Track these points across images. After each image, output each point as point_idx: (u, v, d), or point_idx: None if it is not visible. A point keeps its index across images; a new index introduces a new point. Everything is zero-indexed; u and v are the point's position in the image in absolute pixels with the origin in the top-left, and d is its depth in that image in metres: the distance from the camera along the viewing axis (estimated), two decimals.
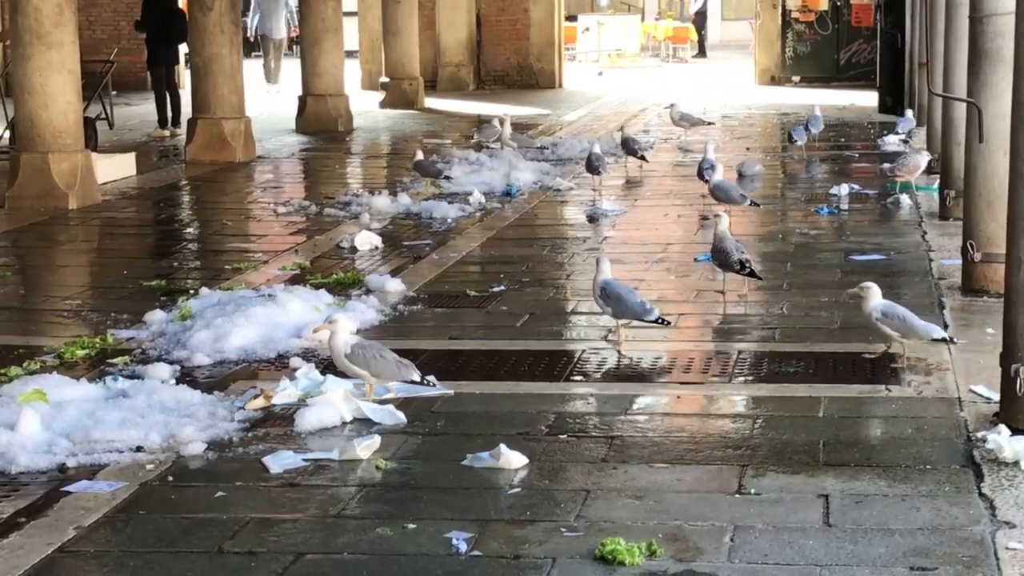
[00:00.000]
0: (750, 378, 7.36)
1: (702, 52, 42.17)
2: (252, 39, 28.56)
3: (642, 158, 15.39)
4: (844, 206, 13.06)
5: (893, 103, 21.36)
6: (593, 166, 14.34)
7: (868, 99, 23.76)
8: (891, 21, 21.89)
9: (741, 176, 15.07)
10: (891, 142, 17.55)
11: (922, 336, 7.48)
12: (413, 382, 6.87)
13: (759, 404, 6.92)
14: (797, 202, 13.61)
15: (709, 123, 18.70)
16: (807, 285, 9.64)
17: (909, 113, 18.09)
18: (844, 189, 13.61)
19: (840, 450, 6.16)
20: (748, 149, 18.03)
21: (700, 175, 13.58)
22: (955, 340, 7.63)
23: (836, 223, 12.29)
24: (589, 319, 8.85)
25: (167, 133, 20.26)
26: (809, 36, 29.42)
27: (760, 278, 9.35)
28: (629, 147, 15.47)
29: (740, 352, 7.84)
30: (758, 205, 12.74)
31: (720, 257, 9.08)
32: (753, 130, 20.78)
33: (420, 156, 14.36)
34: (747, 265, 9.00)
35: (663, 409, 6.92)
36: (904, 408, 6.76)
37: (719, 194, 12.12)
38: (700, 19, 43.20)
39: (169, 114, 20.56)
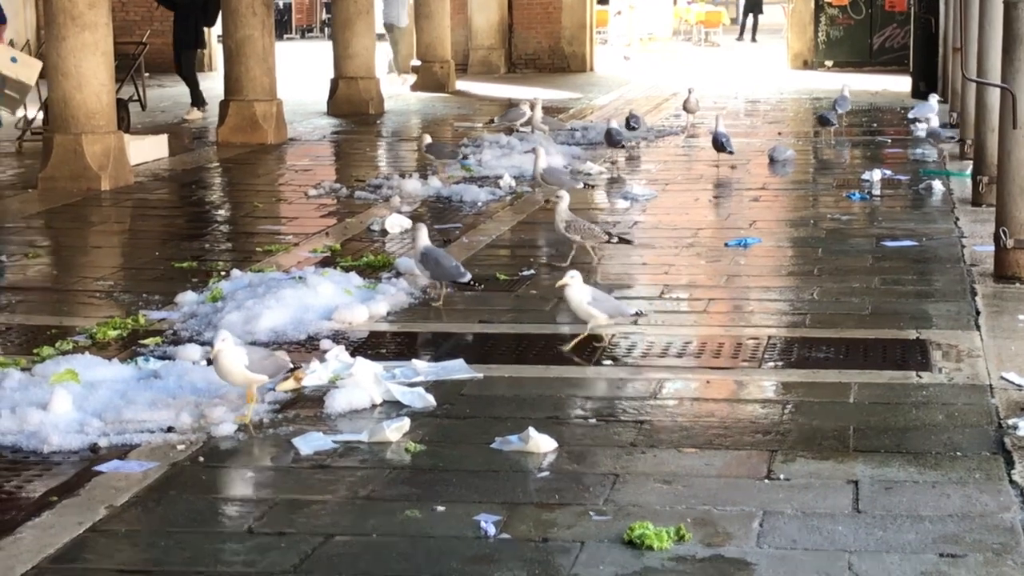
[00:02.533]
0: (780, 363, 7.35)
1: (750, 36, 41.59)
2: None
3: (633, 128, 16.51)
4: (876, 191, 13.01)
5: (926, 88, 21.24)
6: (615, 140, 15.10)
7: (901, 84, 23.64)
8: (925, 6, 21.77)
9: (772, 161, 15.03)
10: (924, 128, 17.43)
11: (624, 313, 7.71)
12: (290, 371, 6.74)
13: (789, 390, 6.91)
14: (829, 187, 13.56)
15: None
16: (838, 271, 9.60)
17: (933, 99, 17.73)
18: (876, 174, 13.55)
19: (870, 436, 6.14)
20: (780, 134, 17.97)
21: (719, 146, 14.51)
22: (643, 313, 7.84)
23: (868, 208, 12.25)
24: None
25: (203, 115, 20.28)
26: (842, 20, 29.28)
27: (632, 242, 9.92)
28: (628, 125, 16.44)
29: (770, 337, 7.83)
30: (593, 187, 13.06)
31: (582, 232, 9.55)
32: (785, 115, 20.70)
33: (428, 140, 14.28)
34: (614, 234, 9.70)
35: (692, 394, 6.92)
36: (935, 395, 6.74)
37: (550, 179, 12.15)
38: (751, 2, 42.52)
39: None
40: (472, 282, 8.59)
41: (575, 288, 7.45)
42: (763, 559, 4.89)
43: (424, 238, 8.66)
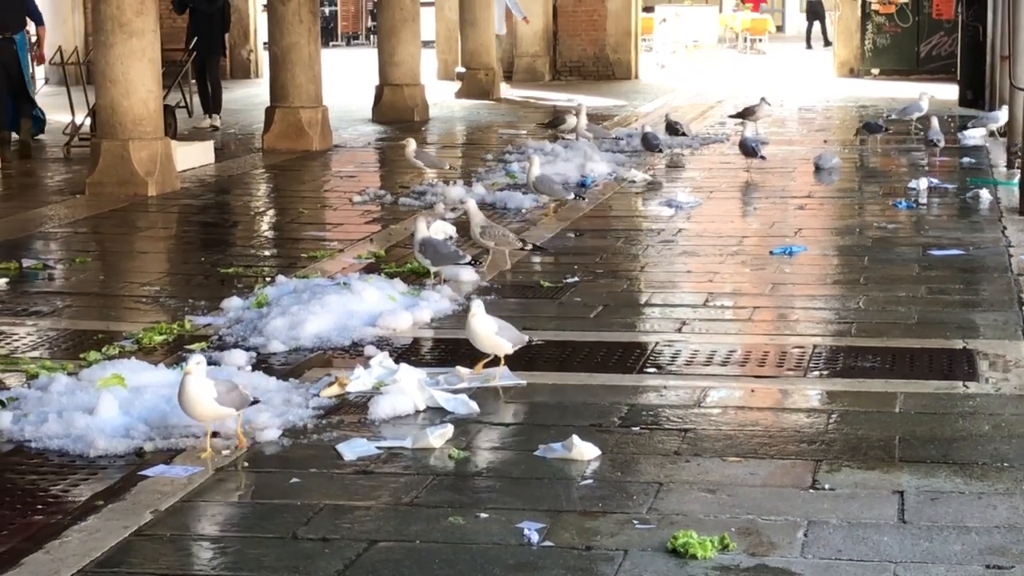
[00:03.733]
0: (825, 372, 7.31)
1: (807, 43, 41.49)
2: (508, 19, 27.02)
3: (680, 133, 16.88)
4: (923, 200, 12.93)
5: (974, 96, 21.09)
6: (652, 144, 15.73)
7: (948, 92, 23.48)
8: (972, 14, 21.63)
9: (818, 168, 14.97)
10: (971, 136, 17.32)
11: (523, 340, 7.22)
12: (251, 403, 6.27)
13: (834, 399, 6.87)
14: (875, 195, 13.49)
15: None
16: (884, 280, 9.55)
17: (1004, 111, 17.36)
18: (923, 183, 13.47)
19: (916, 446, 6.10)
20: (825, 141, 17.89)
21: (751, 151, 14.66)
22: (535, 341, 7.38)
23: (914, 217, 12.18)
24: (663, 311, 8.83)
25: (216, 120, 20.15)
26: (889, 28, 29.12)
27: (544, 249, 10.08)
28: (673, 130, 16.91)
29: (815, 346, 7.79)
30: (583, 198, 12.93)
31: (496, 238, 9.75)
32: (831, 123, 20.61)
33: (413, 146, 14.22)
34: (527, 241, 9.99)
35: (737, 402, 6.89)
36: (982, 405, 6.69)
37: (542, 187, 12.28)
38: (813, 8, 42.28)
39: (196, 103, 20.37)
40: (472, 262, 9.18)
41: (480, 319, 7.08)
42: (808, 569, 4.87)
43: (423, 230, 9.15)
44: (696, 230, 11.70)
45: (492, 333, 7.10)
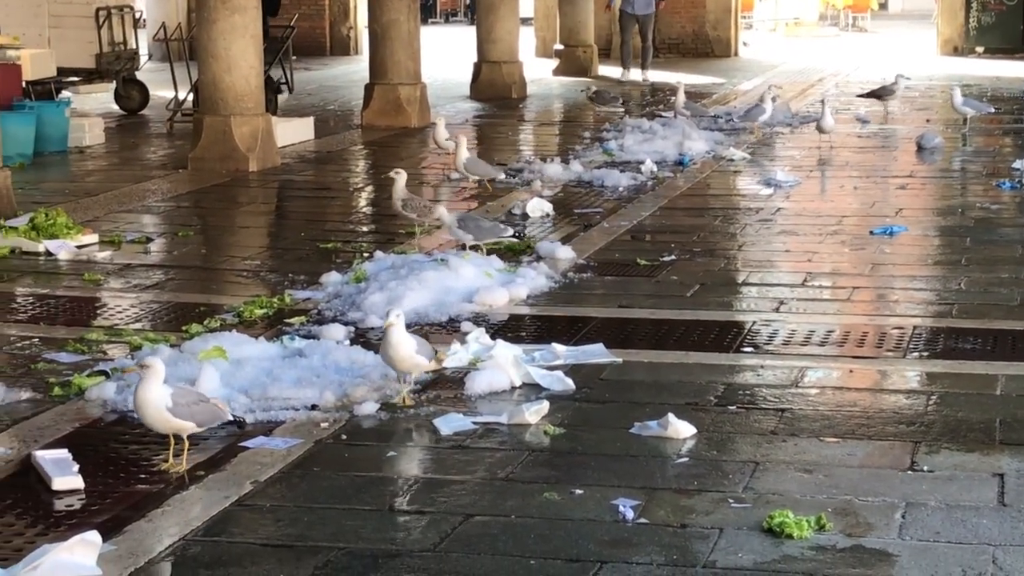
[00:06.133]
0: (925, 354, 7.24)
1: None
2: (606, 9, 26.23)
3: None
4: None
5: None
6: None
7: None
8: None
9: (920, 148, 14.78)
10: None
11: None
12: (227, 423, 5.89)
13: (934, 380, 6.80)
14: (978, 175, 13.30)
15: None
16: (986, 261, 9.42)
17: None
18: None
19: (1017, 429, 6.03)
20: (928, 121, 17.65)
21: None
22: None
23: (1018, 198, 11.99)
24: (760, 290, 8.78)
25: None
26: (994, 6, 28.61)
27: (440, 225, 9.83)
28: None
29: (915, 327, 7.71)
30: (513, 176, 13.06)
31: (419, 210, 9.89)
32: (934, 101, 20.32)
33: (443, 127, 14.15)
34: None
35: (835, 383, 6.84)
36: None
37: (472, 169, 12.37)
38: None
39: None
40: (516, 235, 9.41)
41: (401, 332, 6.45)
42: (905, 551, 4.83)
43: (445, 215, 9.36)
44: (795, 209, 11.61)
45: (413, 351, 6.49)
